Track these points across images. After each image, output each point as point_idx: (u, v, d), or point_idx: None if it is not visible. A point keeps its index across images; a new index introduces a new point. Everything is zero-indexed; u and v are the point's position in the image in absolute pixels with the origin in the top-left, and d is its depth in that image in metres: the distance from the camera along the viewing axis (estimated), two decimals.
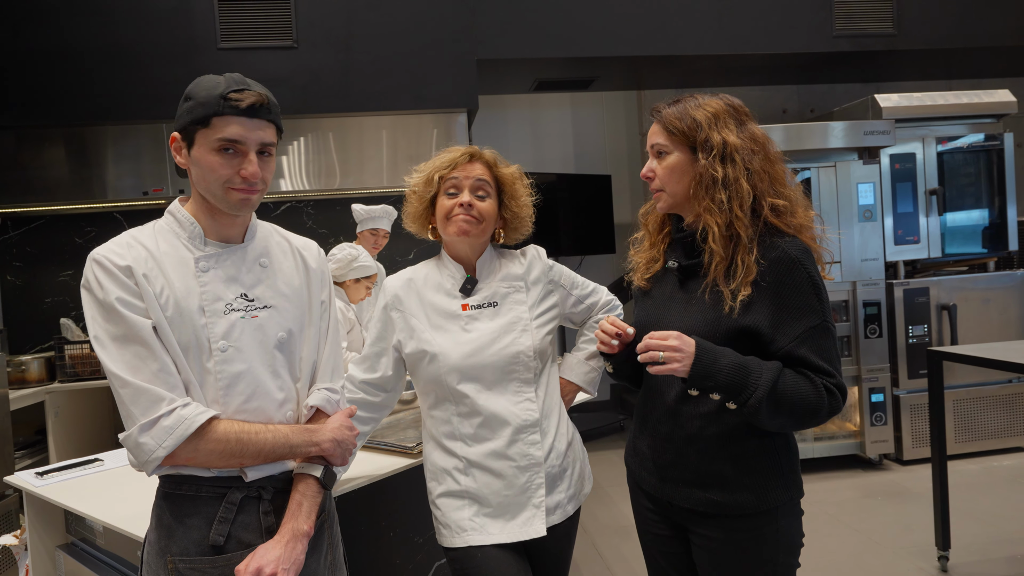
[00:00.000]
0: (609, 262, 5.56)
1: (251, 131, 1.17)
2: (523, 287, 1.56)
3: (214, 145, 1.16)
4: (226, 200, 1.19)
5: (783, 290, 1.25)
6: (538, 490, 1.48)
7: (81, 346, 3.59)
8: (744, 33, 4.34)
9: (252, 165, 1.18)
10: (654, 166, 1.37)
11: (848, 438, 4.06)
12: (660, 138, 1.36)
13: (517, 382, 1.49)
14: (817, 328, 1.25)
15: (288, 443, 1.20)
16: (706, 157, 1.30)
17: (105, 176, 3.84)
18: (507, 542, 1.46)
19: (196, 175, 1.20)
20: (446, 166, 1.51)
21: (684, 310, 1.34)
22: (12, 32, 3.69)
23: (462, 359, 1.47)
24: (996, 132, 4.20)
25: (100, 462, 2.01)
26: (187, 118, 1.17)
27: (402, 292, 1.54)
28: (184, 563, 1.15)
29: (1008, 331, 4.11)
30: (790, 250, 1.27)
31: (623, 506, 3.62)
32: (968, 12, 4.52)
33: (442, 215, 1.52)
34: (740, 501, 1.29)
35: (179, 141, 1.20)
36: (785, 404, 1.22)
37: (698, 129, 1.31)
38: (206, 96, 1.16)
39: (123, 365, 1.11)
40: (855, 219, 4.00)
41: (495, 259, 1.60)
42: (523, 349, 1.49)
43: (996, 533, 3.09)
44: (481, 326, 1.51)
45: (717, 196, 1.28)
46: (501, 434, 1.47)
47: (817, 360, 1.25)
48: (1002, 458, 4.03)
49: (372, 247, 3.47)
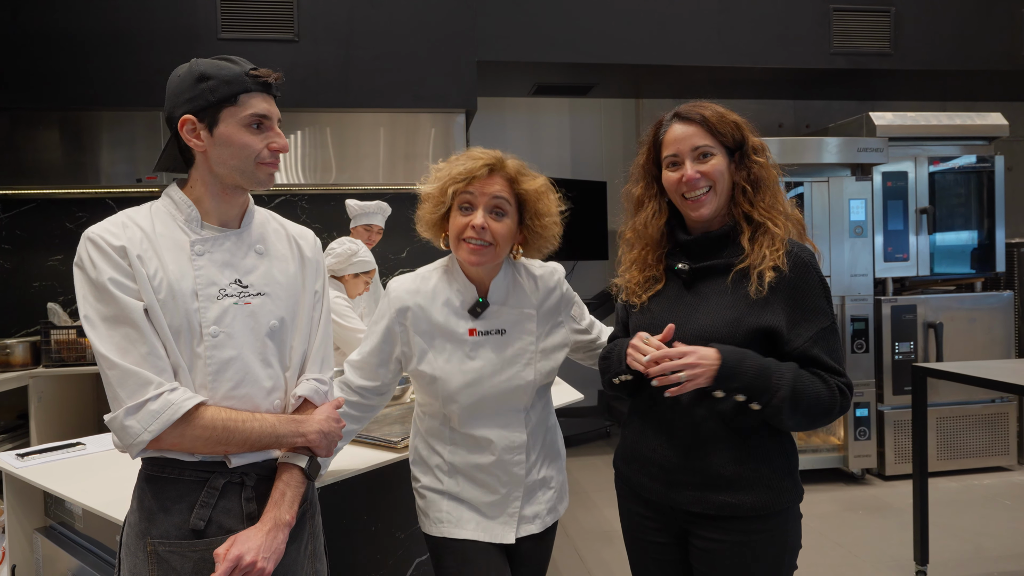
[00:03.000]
0: (601, 268, 5.58)
1: (273, 106, 1.22)
2: (534, 316, 1.49)
3: (245, 121, 1.18)
4: (255, 175, 1.21)
5: (797, 293, 1.29)
6: (515, 502, 1.49)
7: (67, 331, 3.56)
8: (743, 46, 4.38)
9: (281, 137, 1.23)
10: (702, 168, 1.32)
11: (831, 451, 4.09)
12: (704, 139, 1.33)
13: (513, 411, 1.48)
14: (828, 329, 1.29)
15: (274, 433, 1.19)
16: (759, 157, 1.33)
17: (99, 162, 3.82)
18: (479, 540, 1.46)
19: (222, 154, 1.19)
20: (462, 178, 1.37)
21: (699, 312, 1.34)
22: (11, 14, 3.67)
23: (462, 387, 1.44)
24: (987, 154, 4.25)
25: (82, 446, 2.00)
26: (210, 97, 1.17)
27: (408, 304, 1.45)
28: (164, 546, 1.14)
29: (993, 351, 4.15)
30: (802, 254, 1.31)
31: (606, 511, 3.62)
32: (964, 35, 4.58)
33: (455, 233, 1.41)
34: (755, 502, 1.29)
35: (195, 123, 1.18)
36: (803, 404, 1.25)
37: (741, 131, 1.34)
38: (230, 74, 1.18)
39: (112, 346, 1.10)
40: (846, 235, 4.03)
41: (510, 279, 1.50)
42: (523, 384, 1.46)
43: (974, 550, 3.12)
44: (486, 355, 1.45)
45: (776, 195, 1.33)
46: (487, 453, 1.47)
47: (828, 360, 1.28)
48: (982, 477, 4.07)
49: (365, 243, 3.47)
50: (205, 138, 1.19)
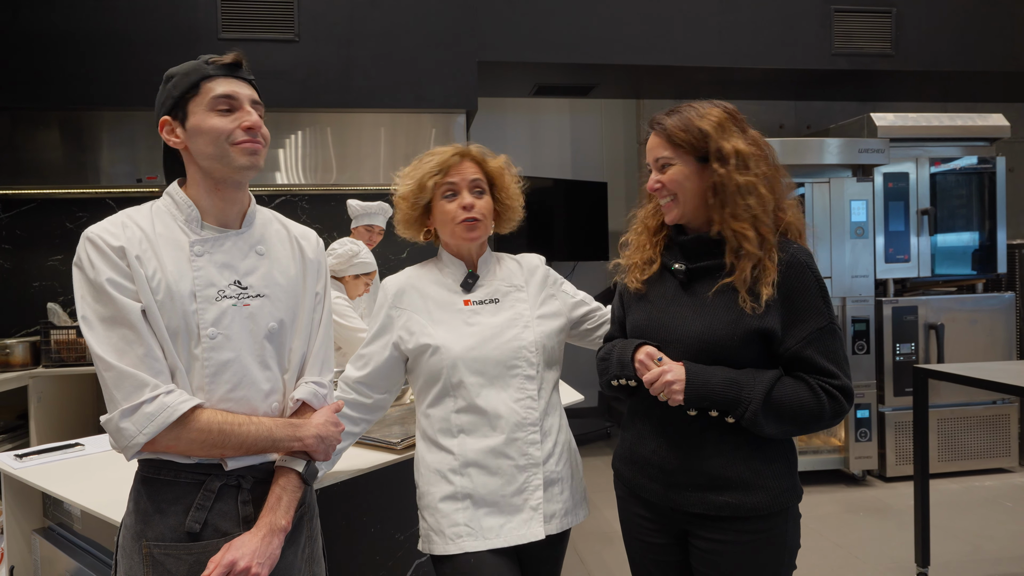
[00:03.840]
0: (602, 269, 5.57)
1: (239, 87, 1.20)
2: (524, 288, 1.56)
3: (210, 106, 1.18)
4: (233, 159, 1.19)
5: (793, 294, 1.29)
6: (536, 491, 1.45)
7: (67, 331, 3.56)
8: (744, 47, 4.37)
9: (251, 115, 1.20)
10: (661, 178, 1.37)
11: (832, 453, 4.08)
12: (664, 151, 1.36)
13: (520, 378, 1.48)
14: (824, 330, 1.28)
15: (271, 437, 1.18)
16: (723, 166, 1.30)
17: (99, 162, 3.82)
18: (504, 547, 1.42)
19: (198, 145, 1.19)
20: (436, 171, 1.49)
21: (696, 313, 1.34)
22: (12, 13, 3.67)
23: (465, 351, 1.45)
24: (989, 155, 4.24)
25: (81, 446, 1.99)
26: (175, 92, 1.19)
27: (402, 290, 1.52)
28: (159, 548, 1.14)
29: (994, 352, 4.14)
30: (799, 255, 1.31)
31: (606, 512, 3.61)
32: (966, 37, 4.57)
33: (447, 219, 1.50)
34: (755, 502, 1.29)
35: (170, 122, 1.20)
36: (785, 412, 1.25)
37: (707, 139, 1.32)
38: (188, 67, 1.20)
39: (109, 348, 1.10)
40: (847, 236, 4.02)
41: (495, 260, 1.60)
42: (525, 344, 1.48)
43: (975, 552, 3.11)
44: (483, 320, 1.50)
45: (741, 203, 1.30)
46: (500, 431, 1.45)
47: (822, 361, 1.27)
48: (983, 478, 4.06)
49: (367, 243, 3.47)
50: (181, 134, 1.20)
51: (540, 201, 5.03)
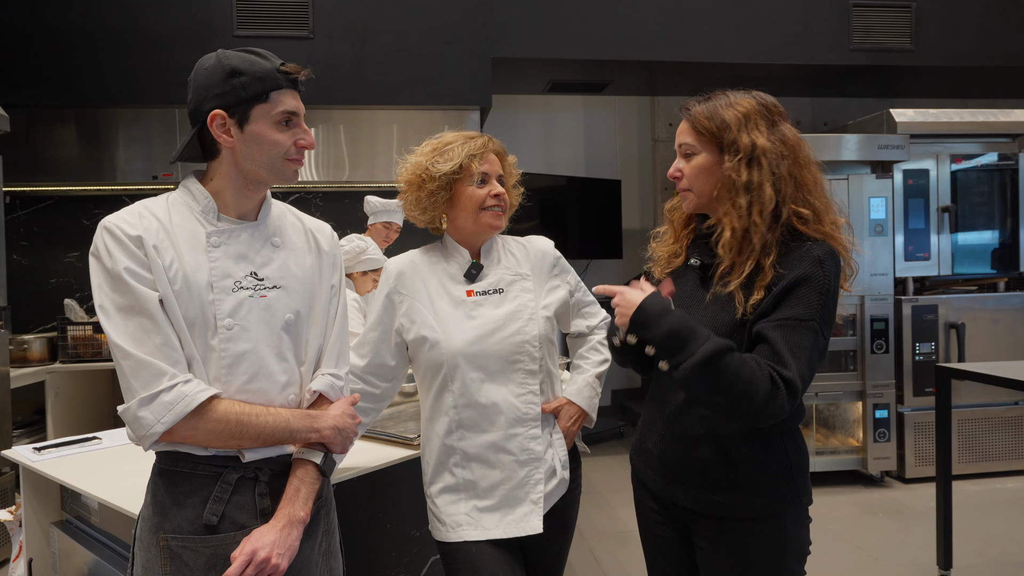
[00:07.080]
0: (615, 268, 5.54)
1: (299, 102, 1.22)
2: (529, 276, 1.54)
3: (276, 119, 1.18)
4: (282, 172, 1.21)
5: (791, 284, 1.23)
6: (537, 486, 1.45)
7: (84, 327, 3.58)
8: (760, 43, 4.32)
9: (309, 134, 1.23)
10: (681, 166, 1.35)
11: (850, 453, 4.02)
12: (688, 137, 1.34)
13: (521, 373, 1.47)
14: (801, 323, 1.19)
15: (288, 428, 1.18)
16: (731, 160, 1.27)
17: (115, 159, 3.84)
18: (502, 538, 1.43)
19: (251, 150, 1.18)
20: (479, 151, 1.48)
21: (706, 309, 1.32)
22: (30, 11, 3.70)
23: (466, 345, 1.44)
24: (1011, 152, 4.17)
25: (98, 440, 2.00)
26: (242, 94, 1.16)
27: (405, 275, 1.51)
28: (176, 541, 1.13)
29: (1016, 352, 4.07)
30: (815, 250, 1.23)
31: (621, 511, 3.59)
32: (986, 31, 4.50)
33: (473, 204, 1.48)
34: (748, 504, 1.27)
35: (225, 119, 1.17)
36: (721, 379, 1.15)
37: (726, 130, 1.28)
38: (262, 71, 1.17)
39: (127, 336, 1.09)
40: (866, 233, 3.97)
41: (500, 246, 1.58)
42: (528, 339, 1.47)
43: (998, 555, 3.05)
44: (486, 312, 1.48)
45: (738, 200, 1.25)
46: (499, 426, 1.44)
47: (782, 348, 1.17)
48: (1006, 480, 3.99)
49: (383, 240, 3.45)
50: (235, 134, 1.18)
51: (553, 199, 5.01)
